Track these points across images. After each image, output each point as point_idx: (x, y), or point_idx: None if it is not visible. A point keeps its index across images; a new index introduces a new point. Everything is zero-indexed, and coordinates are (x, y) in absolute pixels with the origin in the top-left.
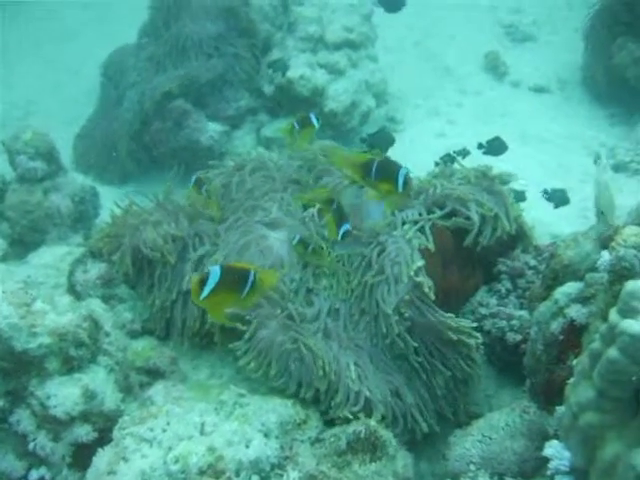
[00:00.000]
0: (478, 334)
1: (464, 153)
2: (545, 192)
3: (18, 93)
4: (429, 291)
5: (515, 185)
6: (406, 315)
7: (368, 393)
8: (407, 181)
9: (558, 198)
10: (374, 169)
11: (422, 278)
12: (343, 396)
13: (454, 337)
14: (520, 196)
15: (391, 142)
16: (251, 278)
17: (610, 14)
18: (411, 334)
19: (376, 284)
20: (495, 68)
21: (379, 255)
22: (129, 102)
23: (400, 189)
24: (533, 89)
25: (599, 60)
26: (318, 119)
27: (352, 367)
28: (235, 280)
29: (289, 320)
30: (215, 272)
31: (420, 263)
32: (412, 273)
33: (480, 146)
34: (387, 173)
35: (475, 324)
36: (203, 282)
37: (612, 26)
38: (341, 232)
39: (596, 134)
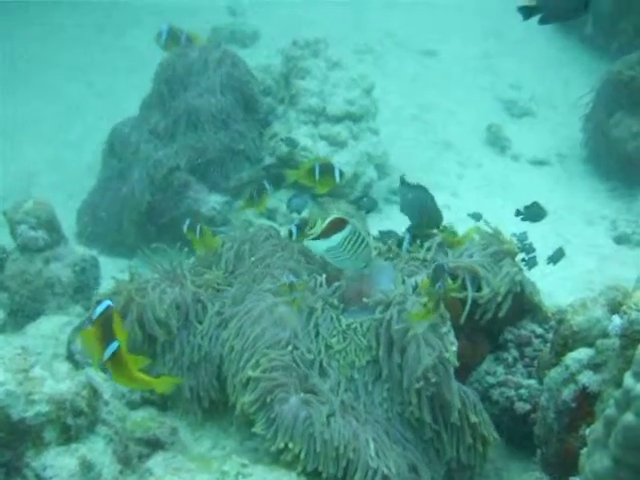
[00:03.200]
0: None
1: (477, 217)
2: (518, 212)
3: (19, 168)
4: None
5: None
6: (432, 380)
7: (386, 470)
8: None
9: (534, 213)
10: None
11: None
12: (362, 473)
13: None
14: (532, 262)
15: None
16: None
17: (609, 92)
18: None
19: (397, 348)
20: (496, 141)
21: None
22: (134, 175)
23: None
24: (533, 162)
25: (599, 134)
26: (342, 175)
27: (371, 444)
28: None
29: (310, 394)
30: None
31: (454, 348)
32: (447, 355)
33: (518, 213)
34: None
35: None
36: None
37: (610, 102)
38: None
39: (597, 207)
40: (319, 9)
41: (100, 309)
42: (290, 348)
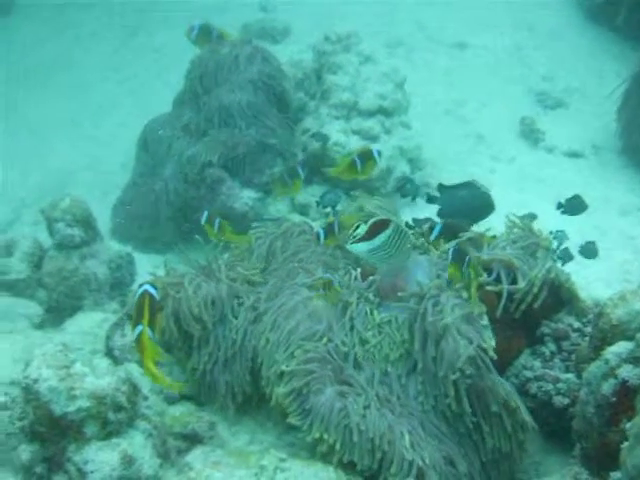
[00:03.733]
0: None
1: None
2: (559, 205)
3: (55, 166)
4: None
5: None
6: (467, 372)
7: (421, 462)
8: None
9: (574, 206)
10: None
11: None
12: (398, 466)
13: (496, 409)
14: (568, 255)
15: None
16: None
17: None
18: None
19: (432, 340)
20: (530, 134)
21: (434, 310)
22: (167, 171)
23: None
24: (567, 154)
25: (634, 125)
26: (380, 153)
27: (406, 436)
28: None
29: (346, 386)
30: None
31: (493, 342)
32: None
33: (559, 206)
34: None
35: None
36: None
37: None
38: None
39: (633, 198)
40: (350, 4)
41: (138, 292)
42: (325, 340)
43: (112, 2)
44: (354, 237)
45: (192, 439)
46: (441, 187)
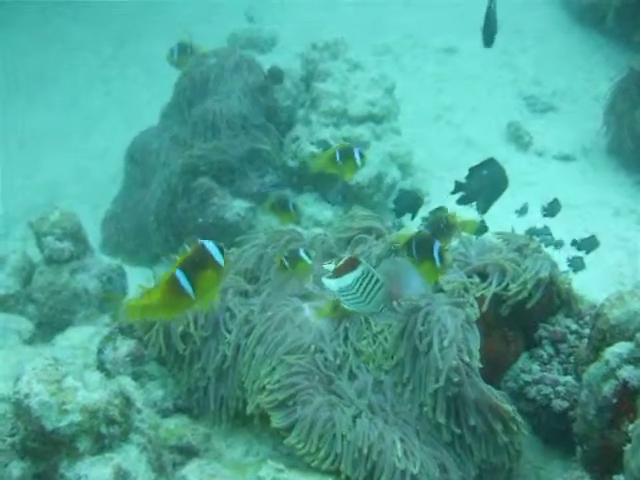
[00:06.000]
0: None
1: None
2: (574, 242)
3: (43, 179)
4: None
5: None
6: (455, 380)
7: (415, 470)
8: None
9: (589, 244)
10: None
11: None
12: (389, 475)
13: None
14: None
15: (419, 204)
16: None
17: (633, 84)
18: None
19: (422, 351)
20: (518, 138)
21: (425, 319)
22: (156, 183)
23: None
24: (558, 157)
25: (623, 127)
26: (363, 155)
27: (398, 444)
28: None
29: (335, 396)
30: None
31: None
32: (467, 359)
33: (574, 242)
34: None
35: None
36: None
37: (635, 94)
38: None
39: (625, 200)
40: (337, 12)
41: (203, 244)
42: (312, 351)
43: (99, 13)
44: (326, 272)
45: (188, 452)
46: (470, 171)
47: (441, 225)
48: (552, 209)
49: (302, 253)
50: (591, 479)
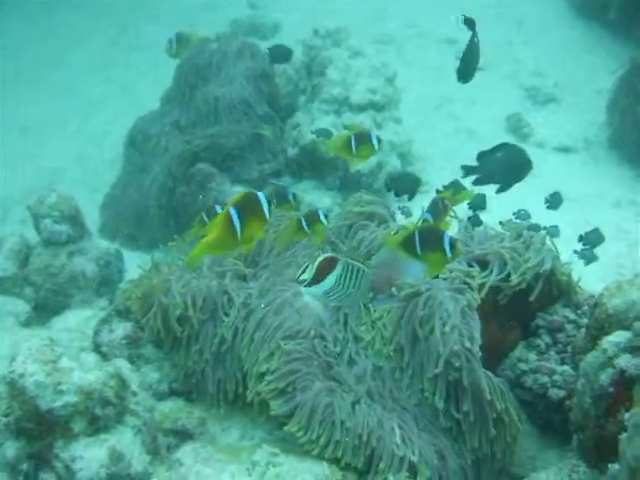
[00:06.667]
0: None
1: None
2: (580, 237)
3: (43, 164)
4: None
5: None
6: (456, 365)
7: (413, 457)
8: (454, 245)
9: (594, 238)
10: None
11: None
12: (387, 461)
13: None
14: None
15: (417, 185)
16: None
17: (636, 77)
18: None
19: (422, 336)
20: (518, 129)
21: (426, 303)
22: (156, 168)
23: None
24: (558, 149)
25: (626, 120)
26: (379, 140)
27: (397, 431)
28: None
29: (334, 382)
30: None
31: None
32: (468, 344)
33: (580, 238)
34: (432, 243)
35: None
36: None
37: (638, 88)
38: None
39: (625, 192)
40: (340, 1)
41: (255, 193)
42: (312, 336)
43: (101, 1)
44: (302, 281)
45: (182, 435)
46: (480, 155)
47: (439, 206)
48: (554, 201)
49: (321, 214)
50: (587, 468)
